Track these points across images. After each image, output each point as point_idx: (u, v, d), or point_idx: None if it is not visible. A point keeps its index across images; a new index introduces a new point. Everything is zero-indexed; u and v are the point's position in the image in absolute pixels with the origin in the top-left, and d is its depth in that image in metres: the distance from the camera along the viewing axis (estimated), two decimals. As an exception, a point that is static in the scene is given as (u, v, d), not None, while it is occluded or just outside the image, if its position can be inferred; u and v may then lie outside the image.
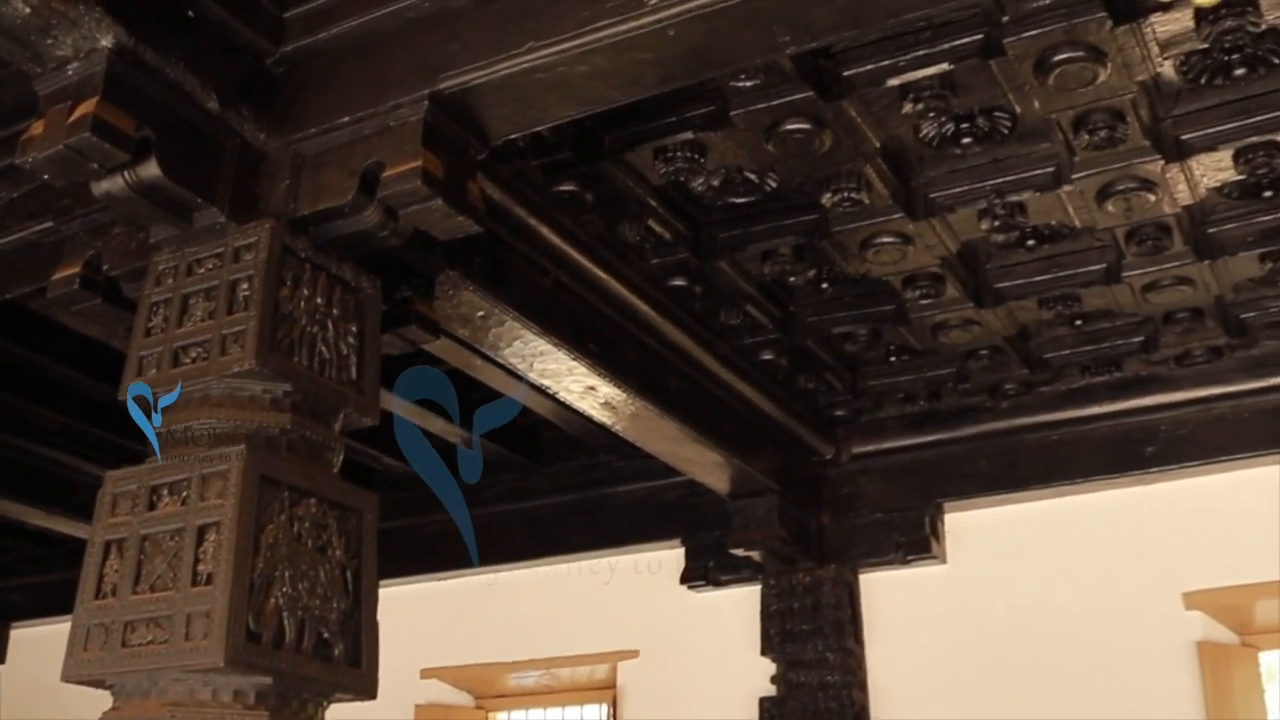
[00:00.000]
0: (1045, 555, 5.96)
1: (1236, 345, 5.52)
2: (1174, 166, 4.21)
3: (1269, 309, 5.27)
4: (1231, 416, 5.69)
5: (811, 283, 4.93)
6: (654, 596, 6.63)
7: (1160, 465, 5.80)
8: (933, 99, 3.87)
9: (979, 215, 4.46)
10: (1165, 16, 3.60)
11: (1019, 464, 6.00)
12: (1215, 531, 5.69)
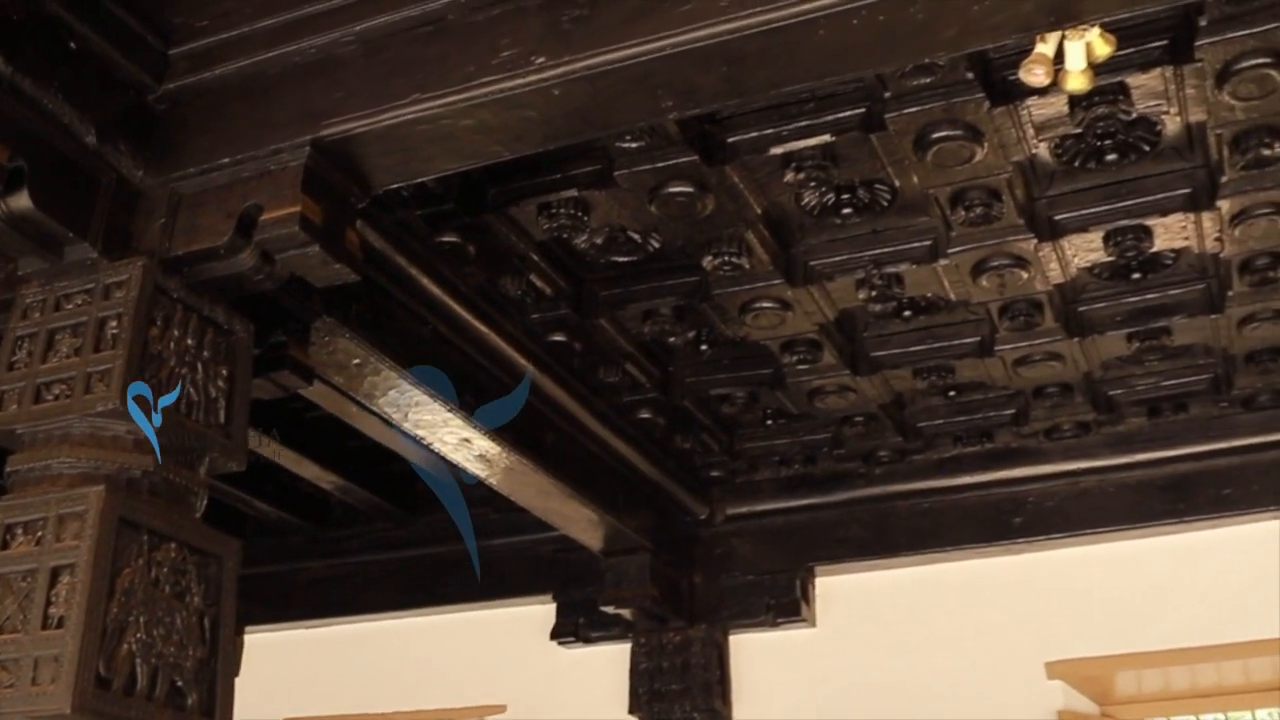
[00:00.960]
0: (913, 621, 6.01)
1: (1104, 421, 5.65)
2: (1047, 245, 4.31)
3: (1135, 387, 5.40)
4: (1097, 490, 5.82)
5: (691, 344, 4.96)
6: (523, 651, 6.58)
7: (1027, 536, 5.90)
8: (815, 169, 3.93)
9: (857, 284, 4.52)
10: (1041, 100, 3.70)
11: (890, 530, 6.07)
12: (1078, 602, 5.79)
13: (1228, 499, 5.66)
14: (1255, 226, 4.21)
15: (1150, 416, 5.63)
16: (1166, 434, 5.70)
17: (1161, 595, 5.72)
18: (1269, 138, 3.83)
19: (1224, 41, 3.47)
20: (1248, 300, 4.69)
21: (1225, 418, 5.62)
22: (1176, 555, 5.77)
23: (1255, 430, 5.60)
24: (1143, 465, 5.75)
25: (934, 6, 2.69)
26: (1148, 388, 5.42)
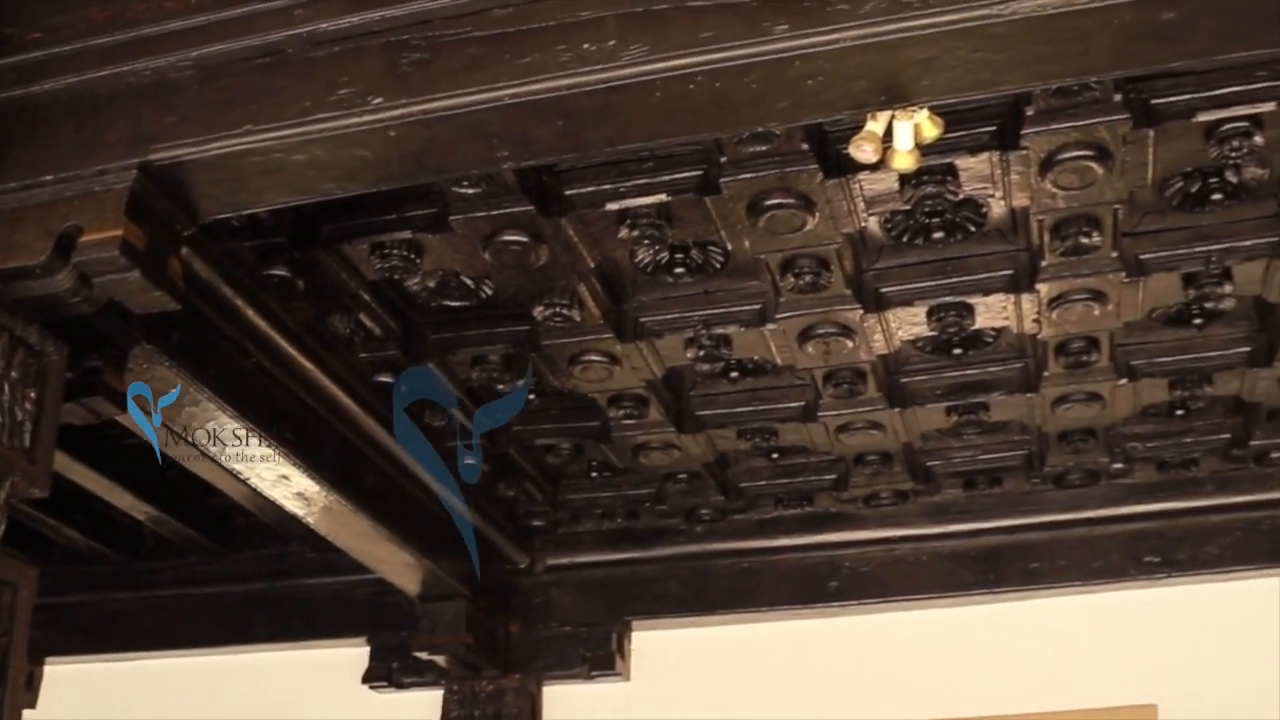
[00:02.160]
0: (728, 679, 6.04)
1: (920, 491, 5.77)
2: (872, 317, 4.40)
3: (952, 459, 5.53)
4: (911, 558, 5.93)
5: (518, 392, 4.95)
6: (335, 695, 6.46)
7: (841, 600, 5.99)
8: (649, 227, 3.96)
9: (686, 343, 4.55)
10: (873, 175, 3.78)
11: (708, 588, 6.10)
12: (889, 667, 5.88)
13: (1035, 572, 5.81)
14: (1071, 311, 4.35)
15: (965, 489, 5.77)
16: (980, 506, 5.84)
17: (970, 663, 5.84)
18: (1088, 227, 3.96)
19: (1049, 132, 3.59)
20: (1062, 381, 4.84)
21: (1036, 494, 5.78)
22: (985, 625, 5.90)
23: (1064, 507, 5.77)
24: (956, 536, 5.88)
25: (769, 78, 2.74)
26: (964, 460, 5.55)
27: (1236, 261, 4.20)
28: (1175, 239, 4.15)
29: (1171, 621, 5.72)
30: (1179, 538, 5.72)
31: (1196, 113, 3.59)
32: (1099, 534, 5.77)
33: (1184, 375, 4.87)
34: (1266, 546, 5.66)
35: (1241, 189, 3.93)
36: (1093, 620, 5.79)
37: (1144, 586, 5.76)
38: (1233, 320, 4.60)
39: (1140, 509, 5.74)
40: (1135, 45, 2.71)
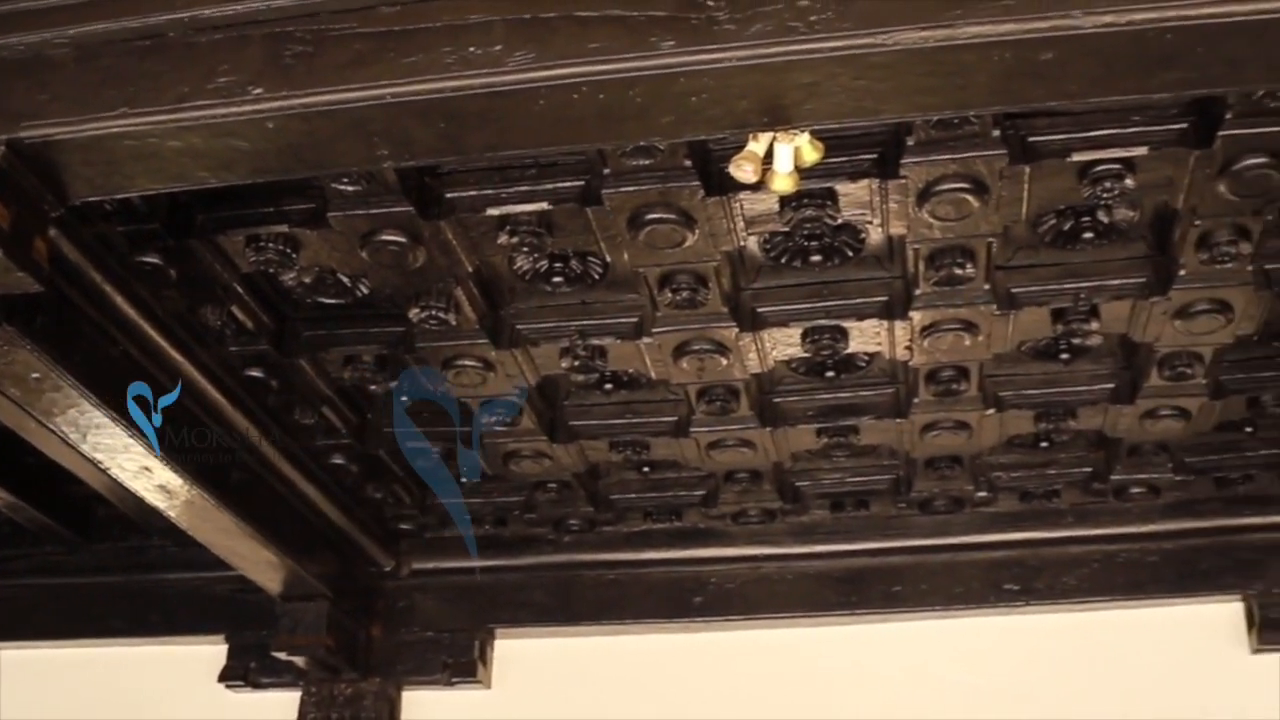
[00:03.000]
0: (590, 691, 6.03)
1: (789, 510, 5.81)
2: (748, 336, 4.42)
3: (821, 480, 5.58)
4: (776, 577, 5.97)
5: (392, 394, 4.90)
6: (189, 692, 6.34)
7: (706, 615, 6.01)
8: (529, 234, 3.95)
9: (561, 353, 4.54)
10: (753, 196, 3.80)
11: (574, 598, 6.09)
12: (750, 684, 5.90)
13: (897, 596, 5.88)
14: (943, 340, 4.41)
15: (833, 510, 5.83)
16: (846, 528, 5.90)
17: (830, 683, 5.88)
18: (962, 258, 4.03)
19: (928, 163, 3.64)
20: (931, 408, 4.91)
21: (902, 518, 5.86)
22: (847, 645, 5.95)
23: (929, 533, 5.85)
24: (821, 556, 5.93)
25: (653, 93, 2.74)
26: (832, 482, 5.61)
27: (1104, 300, 4.29)
28: (1046, 275, 4.23)
29: (1029, 649, 5.82)
30: (1038, 567, 5.83)
31: (1071, 152, 3.67)
32: (961, 560, 5.85)
33: (1049, 408, 4.97)
34: (1122, 579, 5.79)
35: (1112, 229, 4.02)
36: (953, 645, 5.87)
37: (1003, 614, 5.86)
38: (1098, 357, 4.71)
39: (1002, 537, 5.84)
40: (1013, 83, 2.76)
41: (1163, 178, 3.77)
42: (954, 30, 2.60)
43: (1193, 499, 5.70)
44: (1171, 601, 5.80)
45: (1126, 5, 2.57)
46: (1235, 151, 3.63)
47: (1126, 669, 5.74)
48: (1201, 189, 3.77)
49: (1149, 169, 3.73)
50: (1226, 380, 4.82)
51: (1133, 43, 2.64)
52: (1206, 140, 3.61)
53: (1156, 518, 5.77)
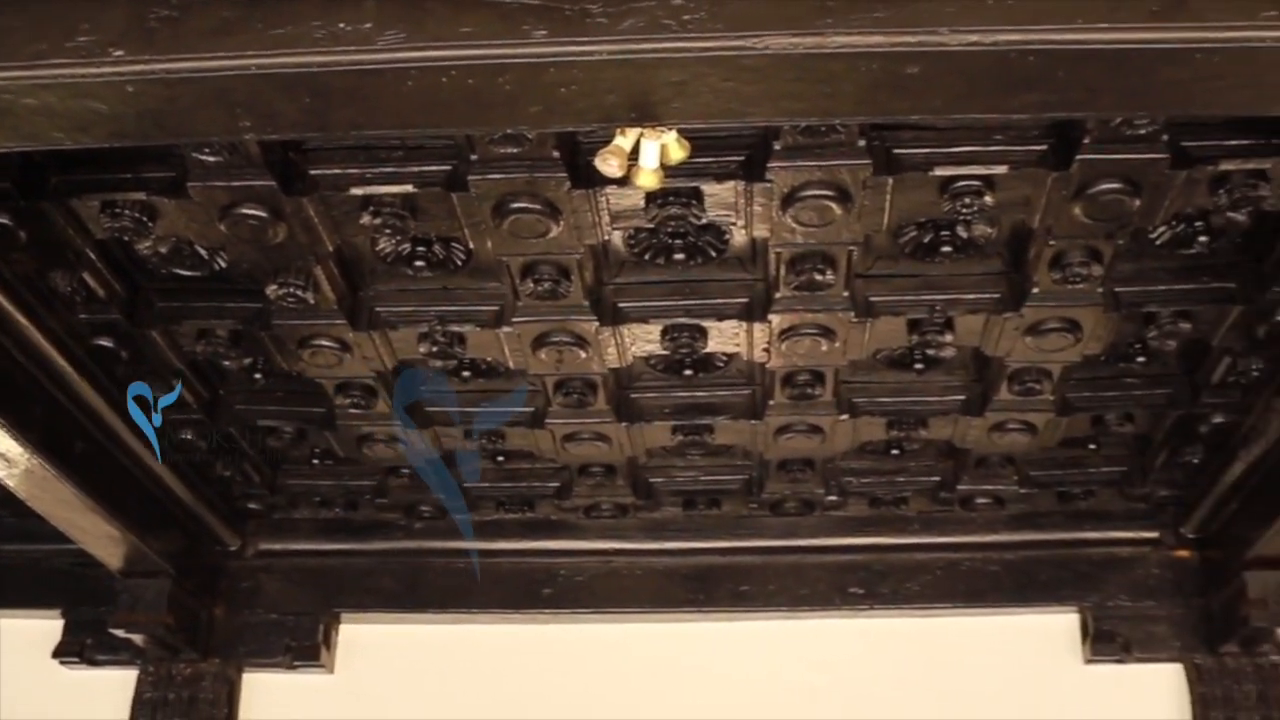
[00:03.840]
0: (435, 680, 6.00)
1: (641, 506, 5.83)
2: (607, 330, 4.42)
3: (675, 478, 5.61)
4: (626, 572, 5.99)
5: (245, 370, 4.82)
6: (22, 668, 6.17)
7: (554, 608, 6.01)
8: (393, 216, 3.91)
9: (420, 338, 4.50)
10: (620, 191, 3.81)
11: (422, 586, 6.05)
12: (595, 679, 5.93)
13: (745, 595, 5.94)
14: (800, 344, 4.45)
15: (685, 508, 5.86)
16: (698, 526, 5.94)
17: (675, 678, 5.93)
18: (822, 264, 4.07)
19: (794, 168, 3.67)
20: (786, 411, 4.96)
21: (753, 518, 5.91)
22: (694, 643, 6.00)
23: (778, 534, 5.92)
24: (671, 553, 5.97)
25: (523, 81, 2.73)
26: (686, 480, 5.65)
27: (959, 313, 4.37)
28: (904, 285, 4.30)
29: (871, 652, 5.92)
30: (884, 572, 5.93)
31: (934, 167, 3.73)
32: (809, 562, 5.93)
33: (901, 417, 5.05)
34: (963, 587, 5.92)
35: (970, 244, 4.10)
36: (797, 645, 5.95)
37: (847, 617, 5.95)
38: (951, 369, 4.80)
39: (850, 541, 5.93)
40: (880, 95, 2.80)
41: (1021, 197, 3.85)
42: (824, 39, 2.63)
43: (1035, 511, 5.84)
44: (1010, 611, 5.94)
45: (992, 26, 2.62)
46: (1091, 176, 3.71)
47: (965, 675, 5.87)
48: (1057, 210, 3.85)
49: (1008, 187, 3.80)
50: (1073, 398, 4.94)
51: (996, 63, 2.69)
52: (1065, 163, 3.69)
53: (1000, 528, 5.90)
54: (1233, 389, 4.91)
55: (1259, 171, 3.78)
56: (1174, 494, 5.76)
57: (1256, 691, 5.74)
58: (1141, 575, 5.91)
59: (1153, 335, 4.52)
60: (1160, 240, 4.13)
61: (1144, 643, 5.83)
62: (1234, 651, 5.72)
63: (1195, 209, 3.97)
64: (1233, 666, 5.76)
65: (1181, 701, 5.80)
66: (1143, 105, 3.06)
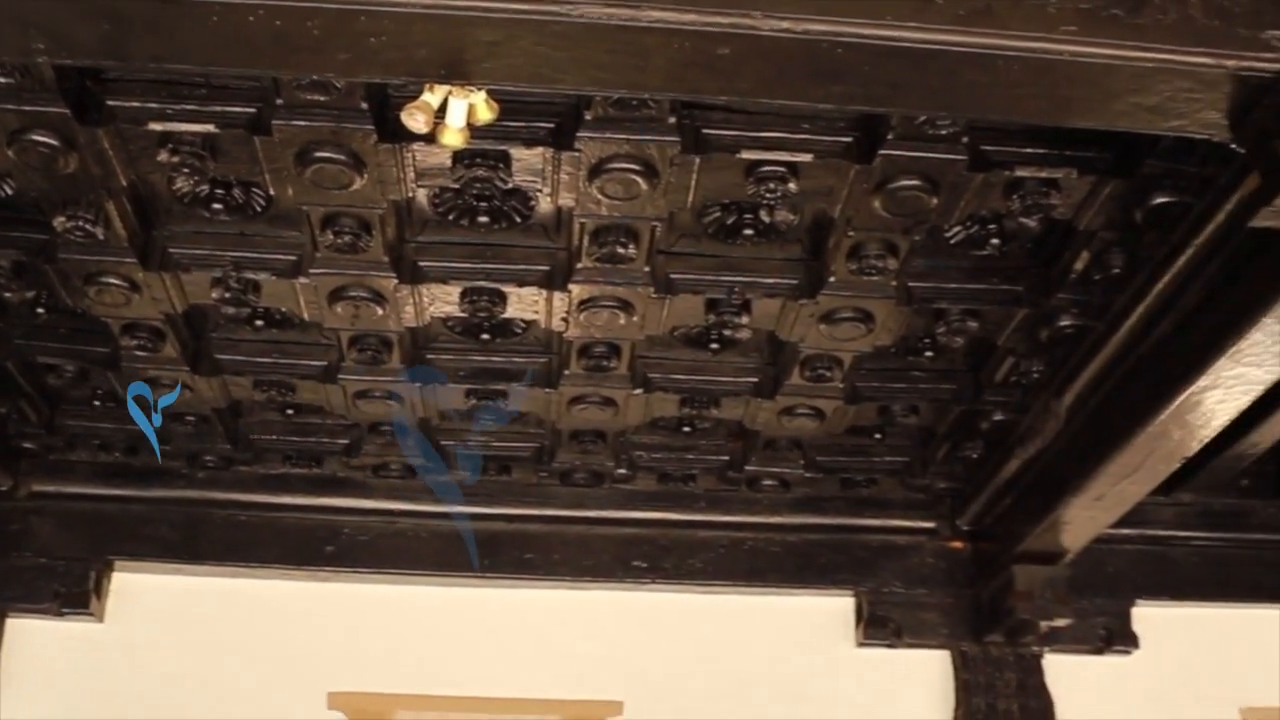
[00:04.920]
0: (210, 632, 5.87)
1: (430, 469, 5.79)
2: (406, 288, 4.38)
3: (465, 442, 5.58)
4: (411, 533, 5.95)
5: (28, 304, 4.63)
6: None
7: (336, 565, 5.94)
8: (192, 156, 3.80)
9: (214, 282, 4.39)
10: (427, 148, 3.77)
11: (201, 536, 5.92)
12: (374, 638, 5.89)
13: (529, 563, 5.96)
14: (599, 316, 4.47)
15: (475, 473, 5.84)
16: (486, 492, 5.93)
17: (455, 643, 5.93)
18: (625, 238, 4.10)
19: (602, 140, 3.68)
20: (580, 382, 4.98)
21: (542, 487, 5.93)
22: (475, 608, 5.99)
23: (566, 504, 5.95)
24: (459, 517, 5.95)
25: (331, 27, 2.68)
26: (478, 445, 5.62)
27: (757, 296, 4.44)
28: (705, 265, 4.35)
29: (650, 626, 5.98)
30: (668, 547, 6.00)
31: (742, 150, 3.78)
32: (595, 534, 5.97)
33: (695, 395, 5.11)
34: (745, 566, 6.02)
35: (772, 229, 4.16)
36: (578, 616, 5.99)
37: (629, 589, 6.01)
38: (746, 350, 4.87)
39: (636, 515, 5.99)
40: (689, 73, 2.82)
41: (824, 186, 3.92)
42: (638, 12, 2.64)
43: (819, 496, 5.97)
44: (789, 592, 6.06)
45: (803, 15, 2.67)
46: (893, 171, 3.80)
47: (742, 652, 5.98)
48: (858, 202, 3.94)
49: (812, 176, 3.87)
50: (862, 387, 5.05)
51: (805, 51, 2.74)
52: (868, 157, 3.77)
53: (784, 510, 6.02)
54: (1014, 389, 5.09)
55: (1051, 180, 3.92)
56: (952, 487, 5.95)
57: (1017, 680, 5.98)
58: (916, 564, 6.09)
59: (942, 331, 4.65)
60: (955, 240, 4.25)
61: (914, 629, 6.02)
62: (998, 641, 5.94)
63: (990, 212, 4.10)
64: (996, 655, 5.98)
65: (946, 687, 6.01)
66: (944, 105, 3.14)
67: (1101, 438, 4.72)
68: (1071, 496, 4.98)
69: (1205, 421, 4.34)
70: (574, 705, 5.96)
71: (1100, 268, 4.31)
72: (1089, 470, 4.80)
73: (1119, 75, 2.86)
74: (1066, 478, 5.00)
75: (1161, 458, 4.63)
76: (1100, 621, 6.12)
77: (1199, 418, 4.31)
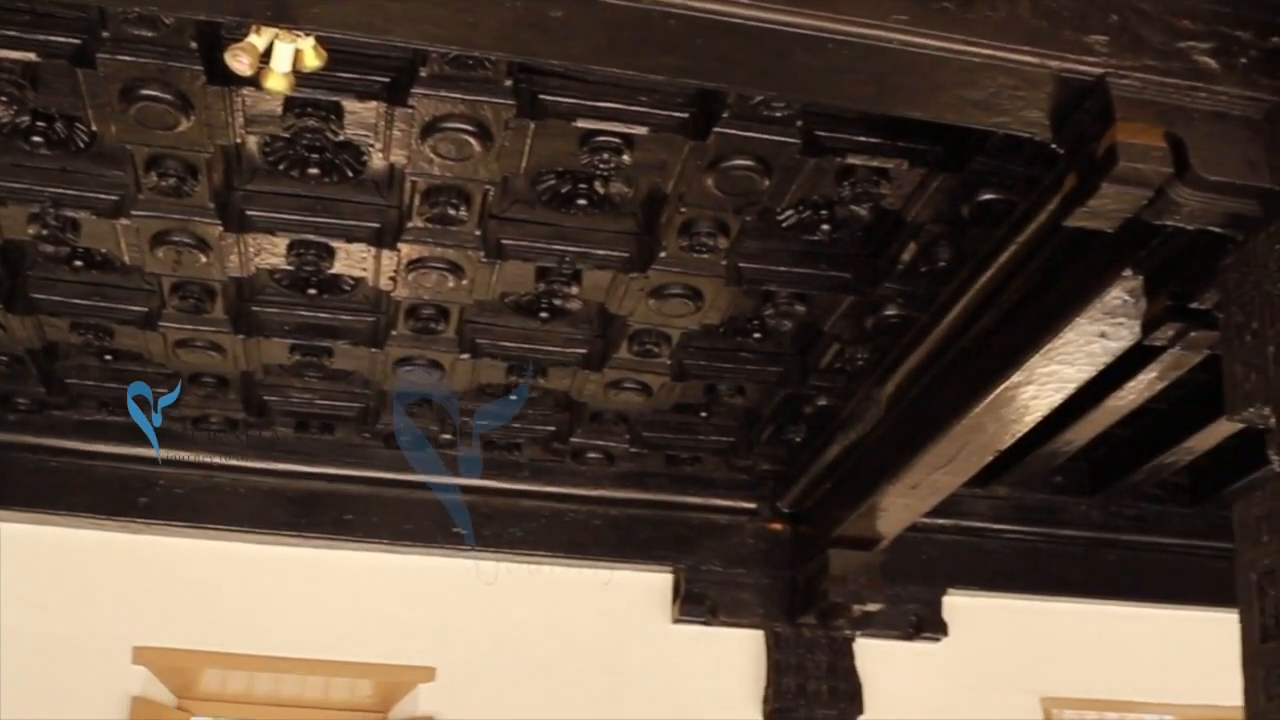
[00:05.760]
0: (13, 579, 5.68)
1: (252, 424, 5.69)
2: (232, 236, 4.29)
3: (290, 398, 5.50)
4: (229, 488, 5.85)
5: None
6: None
7: (149, 517, 5.82)
8: (11, 85, 3.67)
9: (31, 218, 4.25)
10: (258, 94, 3.68)
11: (9, 481, 5.72)
12: (184, 593, 5.78)
13: (348, 524, 5.90)
14: (428, 277, 4.44)
15: (297, 430, 5.75)
16: (309, 450, 5.85)
17: (267, 603, 5.84)
18: (456, 200, 4.06)
19: (437, 98, 3.64)
20: (407, 343, 4.93)
21: (365, 448, 5.86)
22: (291, 568, 5.93)
23: (388, 466, 5.87)
24: (278, 474, 5.87)
25: (155, -41, 2.61)
26: (302, 402, 5.54)
27: (588, 267, 4.44)
28: (537, 232, 4.33)
29: (468, 594, 5.96)
30: (489, 515, 5.98)
31: (577, 118, 3.77)
32: (416, 498, 5.91)
33: (523, 363, 5.08)
34: (566, 538, 6.04)
35: (606, 201, 4.16)
36: (394, 580, 5.94)
37: (449, 556, 5.97)
38: (576, 321, 4.87)
39: (459, 482, 5.93)
40: (521, 33, 2.81)
41: (658, 160, 3.93)
42: (471, -33, 2.61)
43: (643, 471, 6.00)
44: (609, 565, 6.08)
45: (637, -17, 2.66)
46: (726, 150, 3.83)
47: (558, 623, 6.00)
48: (691, 179, 3.96)
49: (646, 149, 3.87)
50: (689, 364, 5.08)
51: (638, 21, 2.74)
52: (702, 134, 3.79)
53: (607, 484, 6.04)
54: (838, 375, 5.17)
55: (882, 170, 3.98)
56: (775, 469, 6.02)
57: (828, 662, 6.09)
58: (736, 543, 6.16)
59: (770, 313, 4.70)
60: (787, 223, 4.29)
61: (730, 608, 6.09)
62: (811, 623, 6.04)
63: (822, 198, 4.15)
64: (808, 637, 6.09)
65: (759, 666, 6.09)
66: (774, 86, 3.17)
67: (919, 427, 4.82)
68: (888, 484, 5.08)
69: (1019, 416, 4.46)
70: (386, 670, 5.93)
71: (927, 260, 4.39)
72: (905, 459, 4.90)
73: (947, 67, 2.91)
74: (884, 465, 5.10)
75: (975, 450, 4.75)
76: (912, 608, 6.26)
77: (1013, 412, 4.42)
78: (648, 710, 5.92)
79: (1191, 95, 3.01)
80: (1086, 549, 6.53)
